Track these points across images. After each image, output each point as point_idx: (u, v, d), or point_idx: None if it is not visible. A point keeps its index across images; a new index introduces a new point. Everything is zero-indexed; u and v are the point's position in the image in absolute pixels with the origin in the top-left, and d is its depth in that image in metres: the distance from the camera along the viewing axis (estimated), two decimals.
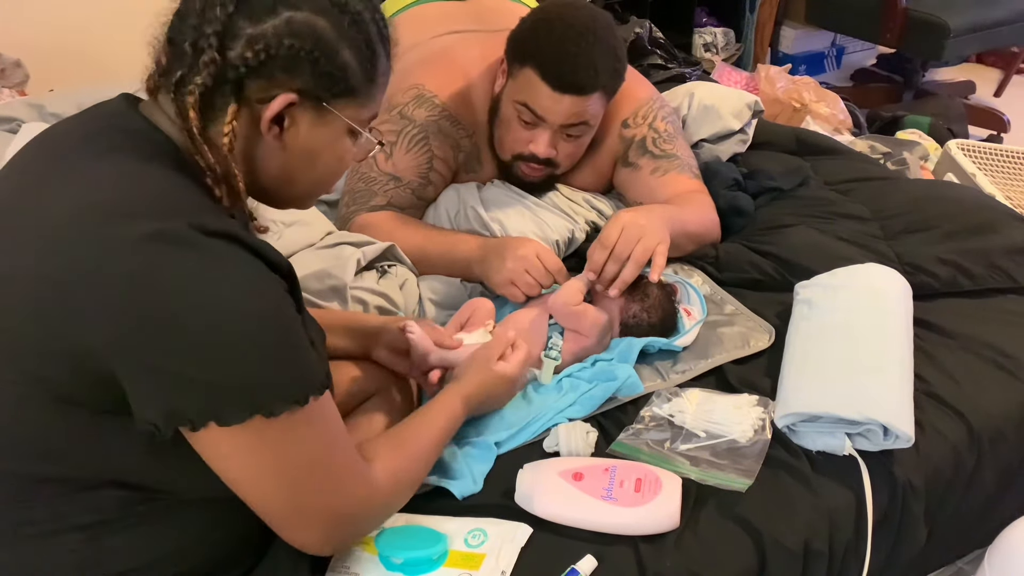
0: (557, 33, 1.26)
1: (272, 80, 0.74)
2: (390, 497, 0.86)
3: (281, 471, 0.74)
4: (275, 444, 0.72)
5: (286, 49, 0.73)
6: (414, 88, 1.42)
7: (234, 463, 0.73)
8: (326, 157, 0.82)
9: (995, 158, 2.03)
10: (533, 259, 1.21)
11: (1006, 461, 1.11)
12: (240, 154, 0.78)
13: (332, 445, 0.77)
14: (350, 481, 0.79)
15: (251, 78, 0.74)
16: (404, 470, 0.87)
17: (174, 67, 0.74)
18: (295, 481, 0.75)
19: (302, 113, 0.77)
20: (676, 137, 1.49)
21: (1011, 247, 1.35)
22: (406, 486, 0.88)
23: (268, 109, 0.75)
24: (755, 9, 3.16)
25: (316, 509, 0.77)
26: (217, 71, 0.73)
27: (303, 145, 0.79)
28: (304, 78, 0.75)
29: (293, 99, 0.75)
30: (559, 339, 1.16)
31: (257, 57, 0.73)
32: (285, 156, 0.80)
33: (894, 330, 1.11)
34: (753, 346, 1.20)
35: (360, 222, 1.38)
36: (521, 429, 1.05)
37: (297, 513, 0.77)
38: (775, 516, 0.95)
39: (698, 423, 1.05)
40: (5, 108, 1.68)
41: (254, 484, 0.74)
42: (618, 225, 1.19)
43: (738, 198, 1.50)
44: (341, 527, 0.81)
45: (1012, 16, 2.68)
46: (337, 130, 0.81)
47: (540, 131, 1.33)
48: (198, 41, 0.73)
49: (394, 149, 1.39)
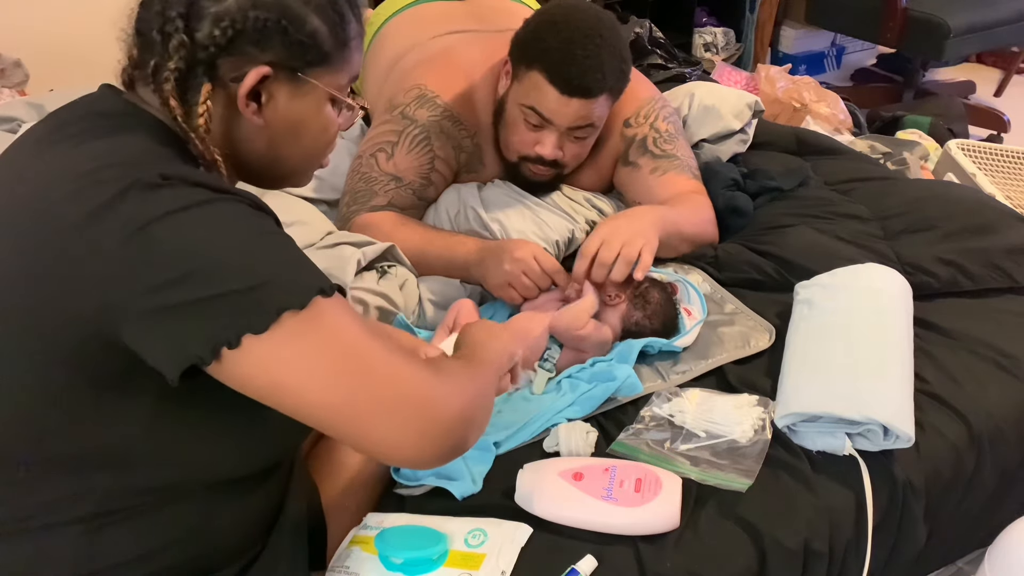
0: (563, 36, 1.26)
1: (243, 56, 0.74)
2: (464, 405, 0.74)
3: (334, 361, 0.68)
4: (316, 336, 0.68)
5: (252, 22, 0.73)
6: (415, 88, 1.42)
7: (285, 372, 0.67)
8: (311, 128, 0.82)
9: (995, 158, 2.03)
10: (530, 262, 1.21)
11: (1006, 461, 1.11)
12: (223, 137, 0.78)
13: (369, 338, 0.71)
14: (407, 368, 0.72)
15: (222, 57, 0.74)
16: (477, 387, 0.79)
17: (146, 58, 0.74)
18: (355, 367, 0.69)
19: (278, 86, 0.77)
20: (677, 137, 1.49)
21: (1011, 247, 1.35)
22: (480, 401, 0.78)
23: (242, 86, 0.75)
24: (755, 9, 3.16)
25: (394, 397, 0.70)
26: (188, 54, 0.72)
27: (284, 118, 0.79)
28: (275, 50, 0.75)
29: (266, 72, 0.75)
30: (556, 350, 1.16)
31: (225, 34, 0.73)
32: (268, 133, 0.79)
33: (894, 330, 1.11)
34: (753, 346, 1.20)
35: (360, 222, 1.38)
36: (520, 429, 1.05)
37: (376, 405, 0.70)
38: (775, 516, 0.95)
39: (698, 423, 1.05)
40: (5, 108, 1.68)
41: (314, 388, 0.68)
42: (598, 236, 1.20)
43: (736, 198, 1.50)
44: (423, 424, 0.71)
45: (1012, 16, 2.68)
46: (317, 99, 0.80)
47: (547, 133, 1.33)
48: (164, 27, 0.72)
49: (395, 149, 1.39)
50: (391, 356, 0.72)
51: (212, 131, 0.75)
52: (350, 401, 0.69)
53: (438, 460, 0.74)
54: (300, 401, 0.69)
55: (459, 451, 0.74)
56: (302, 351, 0.67)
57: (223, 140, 0.78)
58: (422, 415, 0.71)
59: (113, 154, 0.70)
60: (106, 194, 0.66)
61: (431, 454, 0.72)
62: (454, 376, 0.76)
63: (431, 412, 0.72)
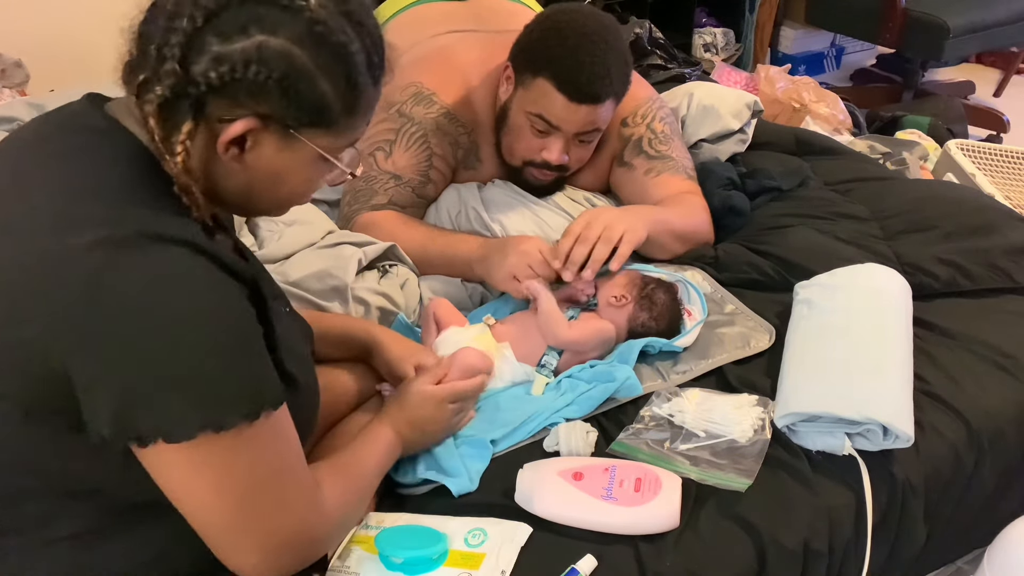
0: (570, 43, 1.26)
1: (235, 102, 0.70)
2: (337, 525, 0.83)
3: (225, 490, 0.70)
4: (222, 461, 0.69)
5: (253, 75, 0.68)
6: (412, 86, 1.42)
7: (177, 478, 0.69)
8: (293, 180, 0.77)
9: (995, 158, 2.04)
10: (535, 254, 1.21)
11: (1006, 461, 1.11)
12: (200, 171, 0.73)
13: (284, 465, 0.74)
14: (300, 505, 0.75)
15: (213, 96, 0.69)
16: (349, 503, 0.85)
17: (138, 67, 0.70)
18: (241, 501, 0.71)
19: (267, 136, 0.72)
20: (672, 138, 1.50)
21: (1011, 247, 1.35)
22: (351, 515, 0.87)
23: (226, 132, 0.70)
24: (755, 9, 3.16)
25: (261, 532, 0.73)
26: (177, 84, 0.68)
27: (267, 167, 0.74)
28: (271, 104, 0.70)
29: (254, 125, 0.70)
30: (554, 356, 1.16)
31: (221, 78, 0.68)
32: (247, 176, 0.75)
33: (894, 330, 1.12)
34: (754, 347, 1.20)
35: (362, 221, 1.38)
36: (517, 428, 1.05)
37: (239, 535, 0.73)
38: (775, 516, 0.95)
39: (698, 423, 1.05)
40: (5, 108, 1.69)
41: (196, 501, 0.71)
42: (583, 218, 1.21)
43: (733, 197, 1.50)
44: (284, 554, 0.76)
45: (1012, 16, 2.68)
46: (307, 156, 0.75)
47: (553, 139, 1.34)
48: (163, 48, 0.68)
49: (393, 147, 1.40)
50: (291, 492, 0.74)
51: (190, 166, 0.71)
52: (222, 529, 0.72)
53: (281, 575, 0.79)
54: (179, 505, 0.71)
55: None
56: (200, 468, 0.69)
57: (200, 174, 0.73)
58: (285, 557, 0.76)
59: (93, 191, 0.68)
60: (80, 239, 0.64)
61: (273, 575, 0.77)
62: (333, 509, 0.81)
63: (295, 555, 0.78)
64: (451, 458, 1.00)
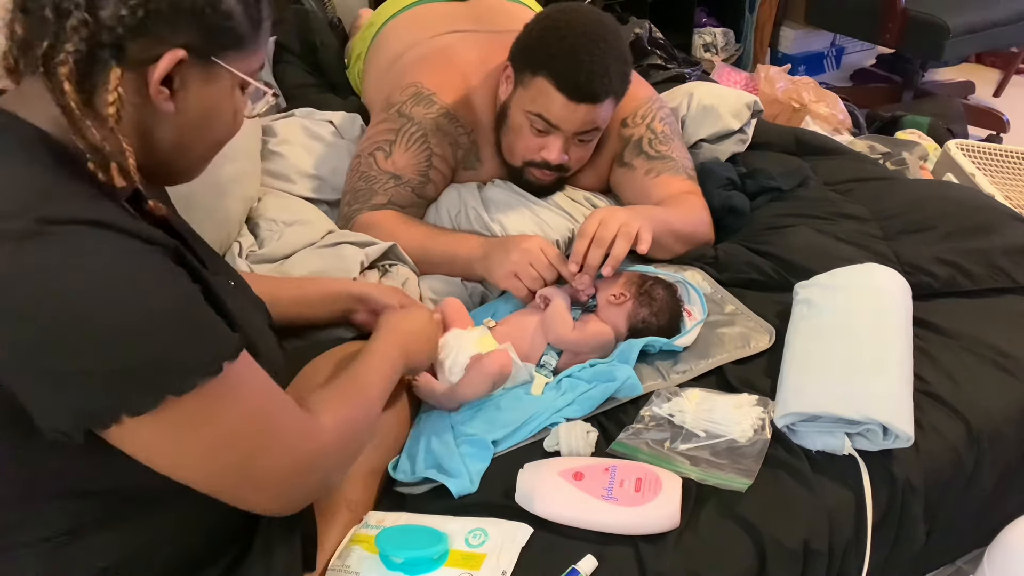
0: (569, 42, 1.26)
1: (155, 38, 0.67)
2: (342, 445, 0.83)
3: (214, 447, 0.70)
4: (199, 421, 0.68)
5: (166, 4, 0.67)
6: (412, 86, 1.42)
7: (162, 451, 0.69)
8: (222, 115, 0.76)
9: (994, 158, 2.04)
10: (537, 252, 1.22)
11: (1005, 461, 1.11)
12: (130, 126, 0.71)
13: (265, 406, 0.74)
14: (294, 437, 0.76)
15: (131, 38, 0.66)
16: (353, 418, 0.85)
17: (35, 39, 0.66)
18: (233, 452, 0.72)
19: (191, 71, 0.71)
20: (672, 139, 1.50)
21: (1010, 247, 1.35)
22: (358, 435, 0.87)
23: (155, 70, 0.68)
24: (755, 9, 3.16)
25: (265, 473, 0.74)
26: (90, 34, 0.65)
27: (196, 106, 0.73)
28: (189, 32, 0.69)
29: (182, 56, 0.68)
30: (554, 356, 1.16)
31: (134, 14, 0.66)
32: (179, 120, 0.73)
33: (894, 330, 1.12)
34: (754, 347, 1.20)
35: (362, 221, 1.38)
36: (518, 428, 1.06)
37: (245, 482, 0.74)
38: (775, 516, 0.95)
39: (698, 423, 1.05)
40: None
41: (191, 467, 0.71)
42: (596, 217, 1.20)
43: (732, 197, 1.50)
44: (296, 485, 0.78)
45: (1012, 16, 2.68)
46: (229, 85, 0.75)
47: (552, 139, 1.34)
48: (60, 4, 0.65)
49: (393, 147, 1.40)
50: (281, 429, 0.75)
51: (122, 121, 0.68)
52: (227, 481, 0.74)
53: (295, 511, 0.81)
54: (176, 475, 0.71)
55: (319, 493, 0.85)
56: (180, 434, 0.68)
57: (130, 130, 0.70)
58: (298, 489, 0.79)
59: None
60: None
61: (291, 510, 0.81)
62: (335, 432, 0.81)
63: (308, 484, 0.80)
64: (452, 458, 1.00)
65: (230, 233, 1.34)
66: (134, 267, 0.64)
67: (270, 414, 0.75)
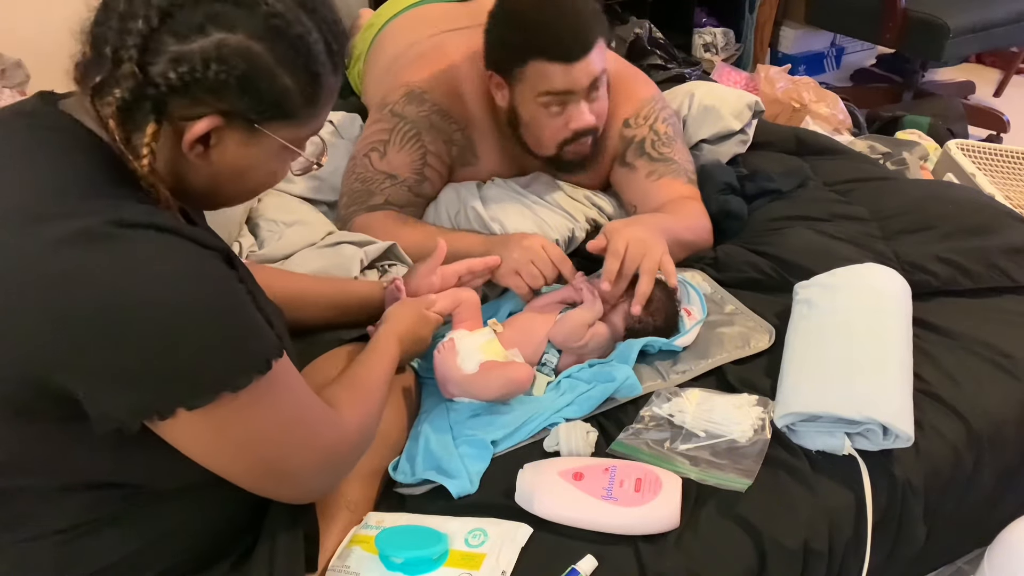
0: (532, 15, 1.27)
1: (197, 100, 0.69)
2: (360, 436, 0.87)
3: (258, 441, 0.73)
4: (248, 415, 0.71)
5: (214, 74, 0.67)
6: (404, 86, 1.42)
7: (203, 441, 0.71)
8: (258, 173, 0.78)
9: (995, 158, 2.03)
10: (539, 250, 1.22)
11: (1005, 461, 1.11)
12: (165, 168, 0.73)
13: (300, 400, 0.77)
14: (323, 429, 0.79)
15: (174, 97, 0.68)
16: (369, 413, 0.89)
17: (93, 69, 0.69)
18: (274, 445, 0.75)
19: (230, 132, 0.72)
20: (675, 140, 1.49)
21: (1010, 247, 1.35)
22: (370, 425, 0.90)
23: (191, 131, 0.70)
24: (755, 9, 3.16)
25: (298, 465, 0.78)
26: (136, 86, 0.67)
27: (232, 163, 0.75)
28: (233, 101, 0.70)
29: (218, 123, 0.70)
30: (555, 355, 1.16)
31: (181, 78, 0.67)
32: (212, 171, 0.75)
33: (894, 330, 1.12)
34: (753, 347, 1.20)
35: (361, 222, 1.38)
36: (518, 428, 1.06)
37: (281, 474, 0.77)
38: (775, 516, 0.95)
39: (698, 423, 1.05)
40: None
41: (233, 459, 0.74)
42: (623, 239, 1.18)
43: (729, 202, 1.50)
44: (323, 475, 0.82)
45: (1012, 16, 2.68)
46: (271, 148, 0.75)
47: (572, 107, 1.33)
48: (119, 50, 0.67)
49: (387, 147, 1.40)
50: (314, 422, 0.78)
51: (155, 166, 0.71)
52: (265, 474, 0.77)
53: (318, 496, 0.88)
54: (216, 466, 0.74)
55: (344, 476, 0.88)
56: (229, 428, 0.71)
57: (164, 173, 0.73)
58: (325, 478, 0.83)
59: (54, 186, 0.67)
60: (52, 235, 0.63)
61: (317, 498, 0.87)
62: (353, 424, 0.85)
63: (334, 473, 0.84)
64: (451, 459, 1.00)
65: (230, 233, 1.34)
66: (198, 270, 0.67)
67: (307, 408, 0.78)
